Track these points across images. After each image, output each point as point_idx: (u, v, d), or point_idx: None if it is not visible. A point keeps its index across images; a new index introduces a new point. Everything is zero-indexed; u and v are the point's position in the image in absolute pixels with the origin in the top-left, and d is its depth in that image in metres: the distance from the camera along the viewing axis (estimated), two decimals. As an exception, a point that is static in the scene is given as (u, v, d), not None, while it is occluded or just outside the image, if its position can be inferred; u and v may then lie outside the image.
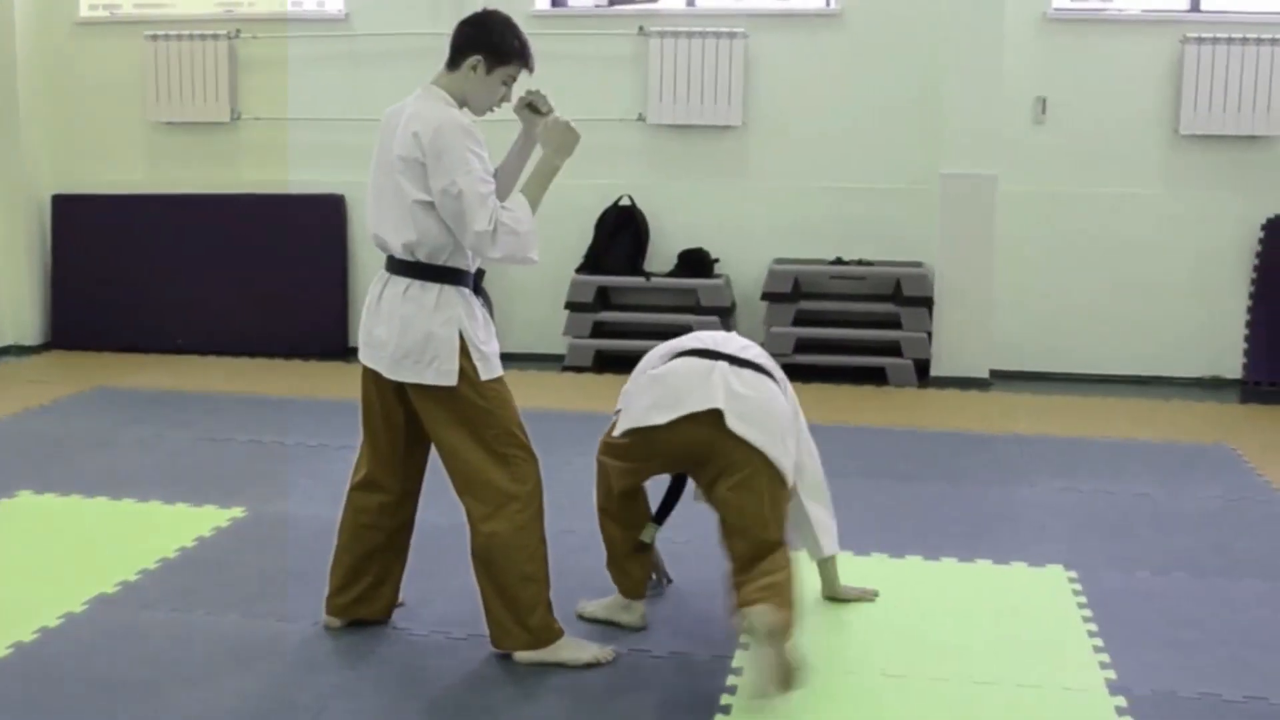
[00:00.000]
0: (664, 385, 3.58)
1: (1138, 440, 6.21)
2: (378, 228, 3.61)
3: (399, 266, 3.60)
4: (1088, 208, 7.53)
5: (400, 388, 3.60)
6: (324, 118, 8.10)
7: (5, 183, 8.04)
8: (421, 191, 3.46)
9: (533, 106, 3.73)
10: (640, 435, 3.59)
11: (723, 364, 3.58)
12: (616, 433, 3.70)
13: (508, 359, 3.75)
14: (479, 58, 3.53)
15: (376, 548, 3.78)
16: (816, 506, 3.93)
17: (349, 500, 3.81)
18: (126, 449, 5.90)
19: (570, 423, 6.36)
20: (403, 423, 3.69)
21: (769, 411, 3.54)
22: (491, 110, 3.66)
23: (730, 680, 3.50)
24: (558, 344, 7.84)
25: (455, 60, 3.57)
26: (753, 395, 3.53)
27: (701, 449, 3.51)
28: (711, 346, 3.68)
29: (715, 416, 3.46)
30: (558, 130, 3.68)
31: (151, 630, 3.80)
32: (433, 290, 3.53)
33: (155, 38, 8.15)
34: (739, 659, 3.63)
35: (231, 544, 4.59)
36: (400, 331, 3.53)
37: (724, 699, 3.40)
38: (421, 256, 3.53)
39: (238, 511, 4.94)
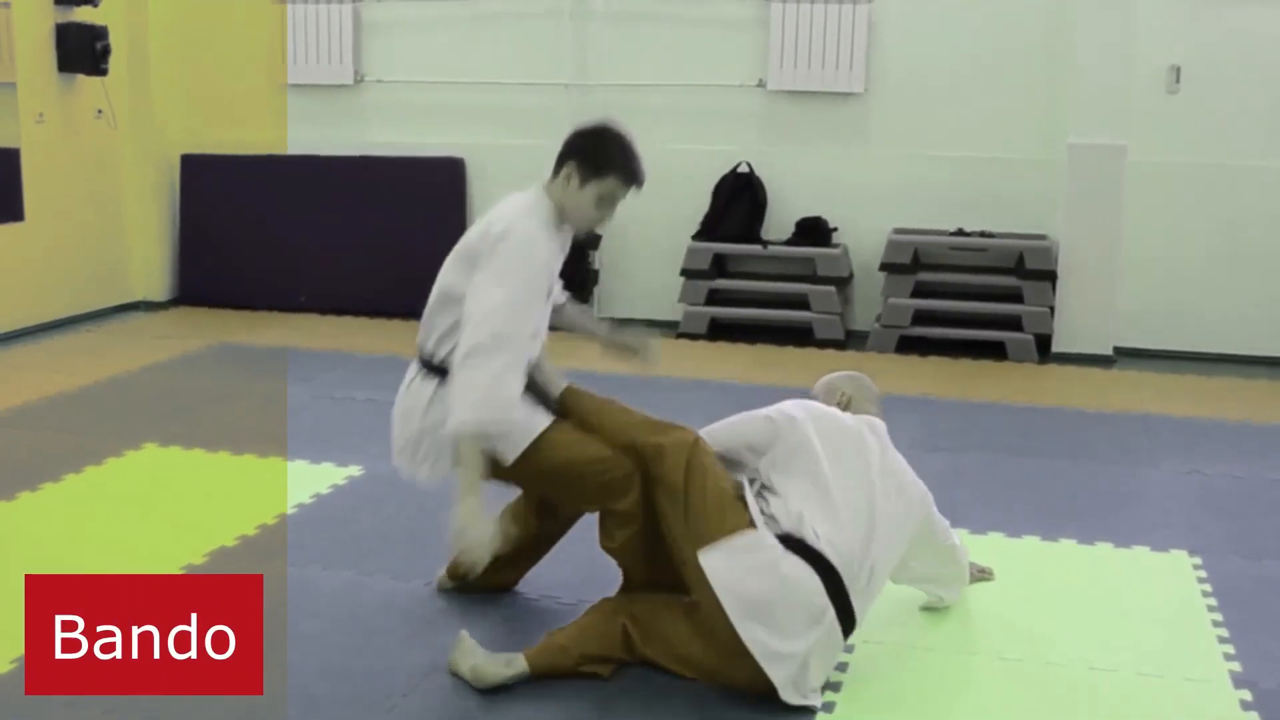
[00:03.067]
0: (771, 596, 3.09)
1: (1268, 423, 6.00)
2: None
3: (418, 352, 3.46)
4: (1221, 181, 7.27)
5: None
6: (445, 80, 8.15)
7: (137, 143, 8.22)
8: (454, 279, 3.29)
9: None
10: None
11: (830, 616, 3.13)
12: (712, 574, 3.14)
13: (624, 324, 3.72)
14: (573, 165, 3.30)
15: (532, 538, 3.76)
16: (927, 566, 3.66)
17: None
18: (248, 404, 6.02)
19: (683, 391, 6.34)
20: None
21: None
22: (592, 229, 3.45)
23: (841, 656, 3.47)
24: (673, 310, 7.82)
25: (556, 166, 3.35)
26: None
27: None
28: (843, 567, 3.15)
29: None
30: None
31: (268, 584, 3.81)
32: (430, 385, 3.35)
33: (283, 1, 8.26)
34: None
35: (348, 501, 4.66)
36: (401, 423, 3.41)
37: (834, 675, 3.36)
38: (429, 345, 3.37)
39: (355, 470, 5.01)
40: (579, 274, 7.78)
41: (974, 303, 7.38)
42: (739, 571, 3.09)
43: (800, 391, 6.26)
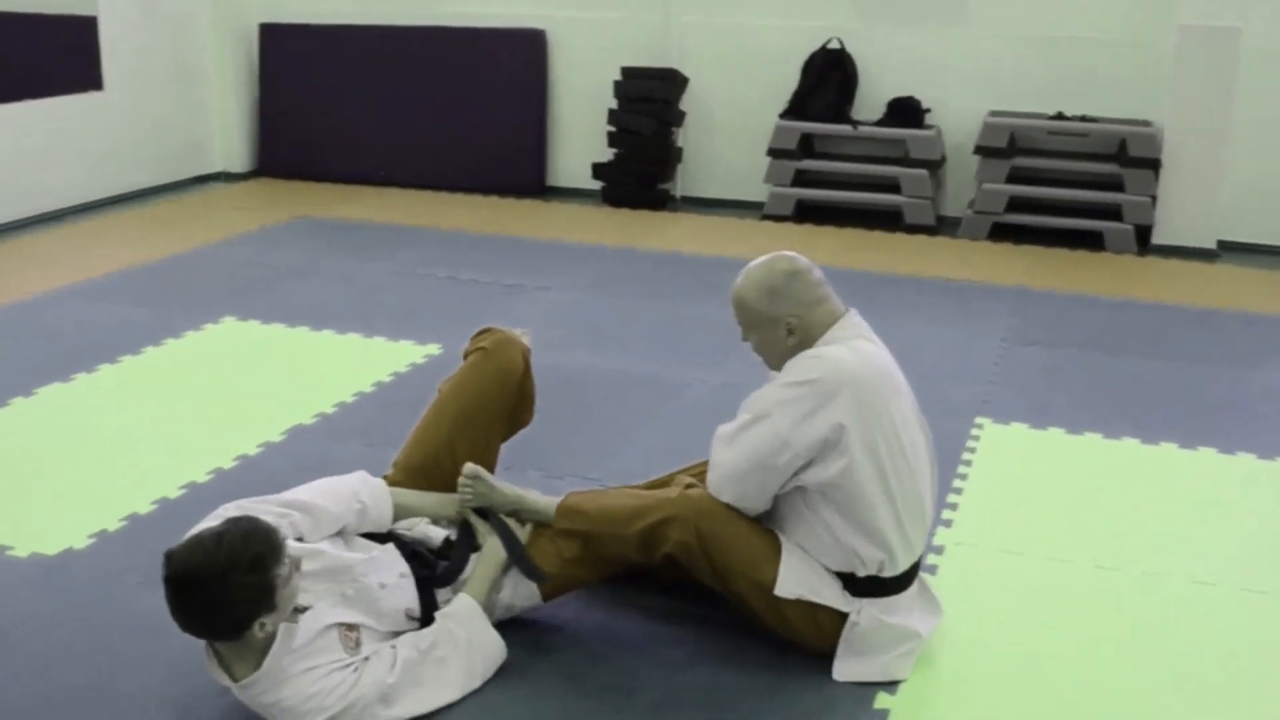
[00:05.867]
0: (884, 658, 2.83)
1: (1381, 324, 5.74)
2: None
3: None
4: (1342, 67, 6.89)
5: None
6: (528, -51, 7.92)
7: (215, 11, 8.09)
8: None
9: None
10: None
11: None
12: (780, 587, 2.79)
13: (707, 204, 3.50)
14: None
15: None
16: None
17: None
18: (327, 280, 5.96)
19: (767, 275, 6.20)
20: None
21: None
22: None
23: (930, 557, 3.35)
24: (758, 191, 7.62)
25: None
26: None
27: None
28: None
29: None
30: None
31: (342, 465, 3.75)
32: None
33: None
34: (938, 536, 3.48)
35: (425, 381, 4.56)
36: None
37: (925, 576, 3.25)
38: None
39: (433, 348, 4.94)
40: (660, 152, 7.60)
41: (1072, 190, 7.09)
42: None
43: (888, 279, 6.15)
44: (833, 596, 2.81)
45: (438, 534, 3.00)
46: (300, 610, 2.57)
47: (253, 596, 2.40)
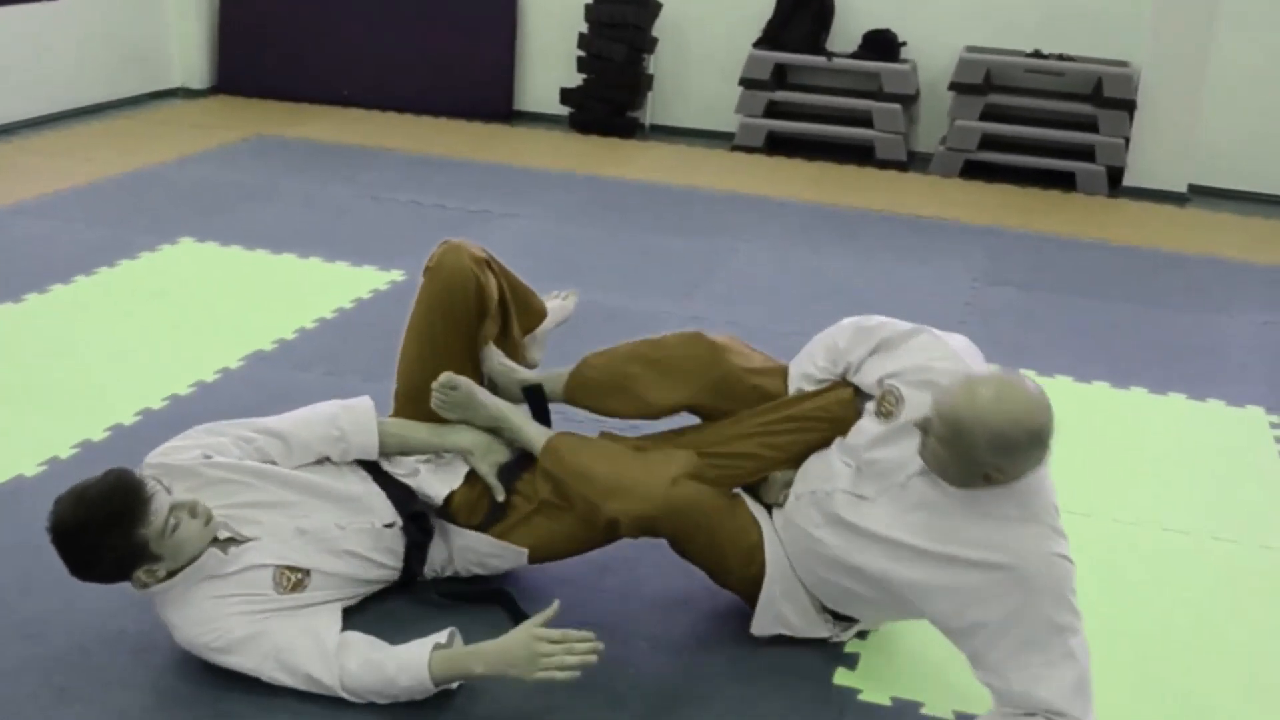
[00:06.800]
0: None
1: (1350, 273, 5.73)
2: None
3: None
4: (1323, 11, 6.83)
5: None
6: None
7: (176, -83, 7.86)
8: None
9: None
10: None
11: None
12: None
13: (677, 133, 3.42)
14: None
15: None
16: None
17: None
18: (288, 201, 5.83)
19: (737, 206, 6.12)
20: None
21: None
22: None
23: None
24: (728, 121, 7.51)
25: None
26: None
27: None
28: None
29: None
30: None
31: (304, 393, 3.66)
32: None
33: None
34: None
35: (388, 307, 4.49)
36: None
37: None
38: None
39: (396, 275, 4.84)
40: (631, 79, 7.47)
41: (1045, 130, 7.02)
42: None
43: (859, 214, 6.09)
44: (811, 629, 2.71)
45: (440, 489, 2.77)
46: (239, 541, 2.51)
47: (118, 555, 2.36)
